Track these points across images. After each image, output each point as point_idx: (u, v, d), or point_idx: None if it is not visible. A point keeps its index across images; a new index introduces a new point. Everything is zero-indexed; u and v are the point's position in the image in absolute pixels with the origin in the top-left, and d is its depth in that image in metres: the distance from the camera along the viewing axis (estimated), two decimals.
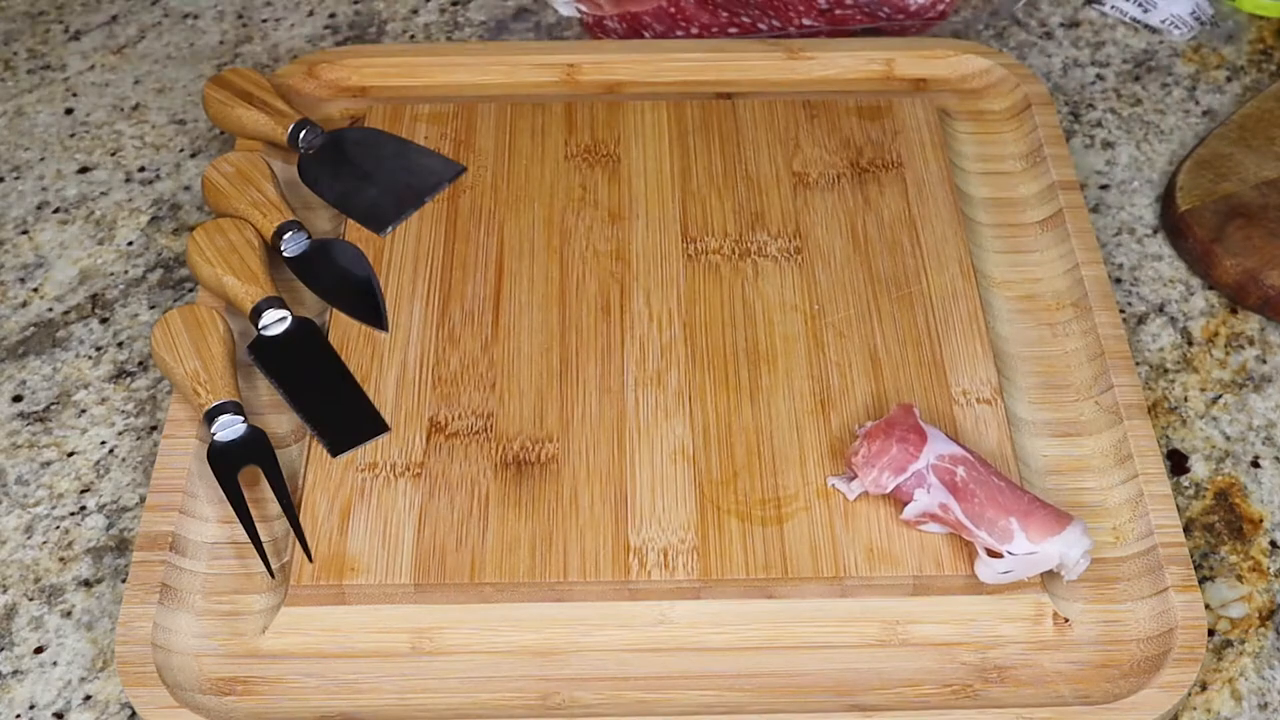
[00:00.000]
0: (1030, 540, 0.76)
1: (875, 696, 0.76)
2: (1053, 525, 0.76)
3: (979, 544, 0.77)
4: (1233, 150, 1.01)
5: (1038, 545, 0.76)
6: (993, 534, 0.77)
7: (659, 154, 0.99)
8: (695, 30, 1.11)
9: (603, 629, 0.78)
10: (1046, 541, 0.76)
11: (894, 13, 1.10)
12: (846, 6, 1.10)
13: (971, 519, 0.77)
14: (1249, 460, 0.88)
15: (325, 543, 0.79)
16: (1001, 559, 0.77)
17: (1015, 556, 0.76)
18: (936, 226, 0.95)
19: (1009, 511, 0.77)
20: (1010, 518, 0.77)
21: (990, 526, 0.77)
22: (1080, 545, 0.76)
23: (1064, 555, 0.76)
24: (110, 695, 0.78)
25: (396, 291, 0.91)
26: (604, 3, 1.12)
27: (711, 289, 0.91)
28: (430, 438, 0.84)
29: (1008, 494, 0.78)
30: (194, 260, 0.91)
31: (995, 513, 0.77)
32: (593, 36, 1.12)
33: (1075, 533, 0.77)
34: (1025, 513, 0.77)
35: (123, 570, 0.82)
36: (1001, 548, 0.76)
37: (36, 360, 0.93)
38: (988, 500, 0.77)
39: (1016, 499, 0.77)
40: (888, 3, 1.10)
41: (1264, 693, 0.78)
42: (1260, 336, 0.94)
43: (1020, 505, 0.77)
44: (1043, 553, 0.76)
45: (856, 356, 0.88)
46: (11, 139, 1.06)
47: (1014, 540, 0.76)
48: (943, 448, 0.79)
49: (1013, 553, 0.76)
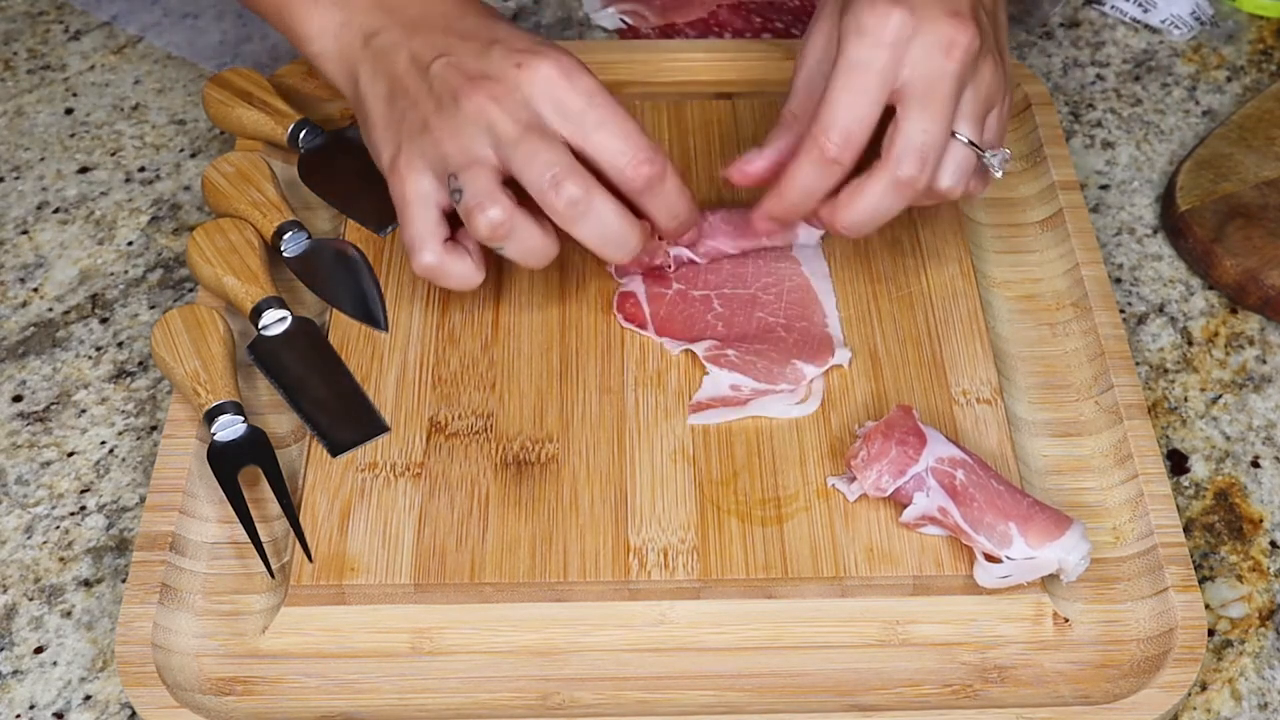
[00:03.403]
0: (1029, 546, 0.76)
1: (875, 696, 0.76)
2: (1052, 530, 0.76)
3: (978, 549, 0.77)
4: (1233, 150, 1.01)
5: (1037, 551, 0.76)
6: (991, 539, 0.76)
7: None
8: (729, 36, 1.11)
9: (603, 629, 0.78)
10: (1046, 547, 0.76)
11: None
12: None
13: (970, 523, 0.77)
14: (1249, 460, 0.88)
15: (325, 543, 0.79)
16: (1000, 564, 0.76)
17: (1014, 561, 0.76)
18: (936, 226, 0.95)
19: (1008, 516, 0.77)
20: (1009, 523, 0.76)
21: (989, 531, 0.76)
22: (1079, 550, 0.76)
23: (1063, 561, 0.76)
24: (110, 695, 0.78)
25: (396, 291, 0.91)
26: (649, 14, 1.12)
27: None
28: (430, 438, 0.84)
29: (1007, 498, 0.77)
30: (194, 260, 0.91)
31: (994, 517, 0.77)
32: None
33: (1074, 537, 0.76)
34: (1024, 517, 0.77)
35: (123, 570, 0.82)
36: (1000, 553, 0.76)
37: (36, 360, 0.93)
38: (987, 504, 0.77)
39: (1015, 503, 0.77)
40: None
41: (1264, 693, 0.78)
42: (1260, 336, 0.94)
43: (1019, 510, 0.77)
44: (1042, 558, 0.76)
45: (856, 356, 0.88)
46: (11, 139, 1.06)
47: (1013, 545, 0.76)
48: (942, 450, 0.79)
49: (1011, 558, 0.76)
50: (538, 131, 0.79)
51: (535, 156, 0.79)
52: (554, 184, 0.79)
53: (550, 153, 0.79)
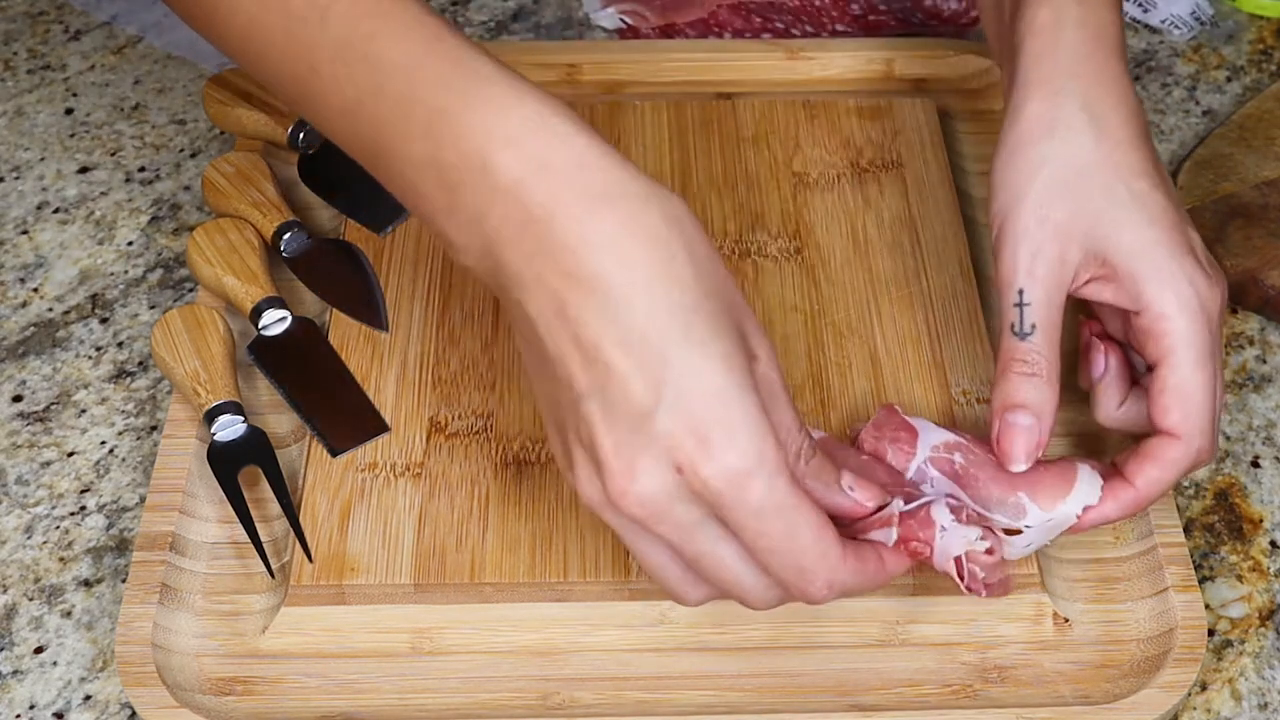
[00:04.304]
0: (1044, 509, 0.75)
1: (875, 696, 0.76)
2: (1062, 486, 0.75)
3: (995, 527, 0.75)
4: (1233, 150, 1.01)
5: (1052, 511, 0.75)
6: (1005, 513, 0.75)
7: (659, 154, 0.99)
8: (729, 36, 1.11)
9: (603, 629, 0.78)
10: (1061, 504, 0.75)
11: (927, 18, 1.11)
12: (880, 13, 1.11)
13: (981, 503, 0.76)
14: (1249, 460, 0.88)
15: (325, 543, 0.79)
16: (1020, 534, 0.75)
17: (1033, 529, 0.75)
18: (936, 226, 0.95)
19: (1016, 486, 0.75)
20: (1018, 493, 0.75)
21: (1001, 506, 0.75)
22: (1093, 492, 0.75)
23: (1085, 507, 0.75)
24: (110, 695, 0.78)
25: (396, 291, 0.91)
26: (649, 14, 1.12)
27: None
28: (430, 438, 0.84)
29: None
30: (194, 260, 0.91)
31: (1002, 491, 0.76)
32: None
33: (1084, 484, 0.75)
34: (1031, 483, 0.75)
35: (123, 570, 0.82)
36: (1019, 524, 0.75)
37: (36, 360, 0.93)
38: (991, 481, 0.76)
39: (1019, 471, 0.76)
40: (921, 9, 1.10)
41: (1264, 693, 0.78)
42: (1260, 336, 0.94)
43: (1024, 476, 0.76)
44: (1059, 515, 0.75)
45: (856, 356, 0.88)
46: (11, 139, 1.06)
47: (1028, 514, 0.75)
48: (935, 437, 0.78)
49: (1030, 526, 0.75)
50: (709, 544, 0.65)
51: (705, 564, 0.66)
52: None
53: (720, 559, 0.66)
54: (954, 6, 1.11)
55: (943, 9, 1.11)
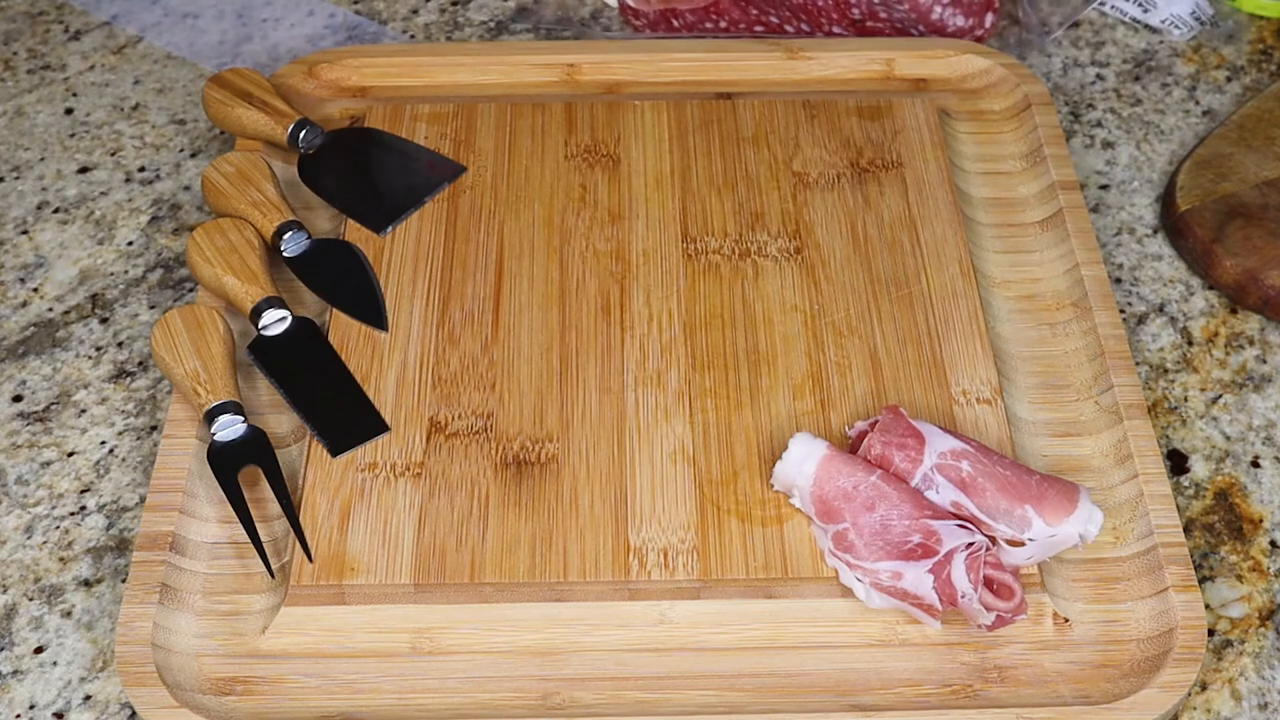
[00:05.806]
0: (1048, 524, 0.76)
1: (875, 696, 0.76)
2: (1066, 504, 0.76)
3: (1000, 536, 0.76)
4: (1233, 150, 1.01)
5: (1056, 528, 0.76)
6: (1010, 524, 0.76)
7: (659, 154, 1.00)
8: (725, 25, 1.11)
9: (603, 629, 0.78)
10: (1064, 523, 0.76)
11: (928, 33, 1.10)
12: (880, 20, 1.10)
13: (986, 513, 0.77)
14: (1249, 460, 0.88)
15: (325, 543, 0.79)
16: (1023, 546, 0.76)
17: (1035, 542, 0.76)
18: (936, 226, 0.95)
19: (1022, 499, 0.77)
20: (1025, 505, 0.76)
21: (1007, 518, 0.76)
22: (1094, 519, 0.77)
23: (1083, 532, 0.76)
24: (110, 695, 0.78)
25: (396, 291, 0.91)
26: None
27: (711, 289, 0.91)
28: (430, 438, 0.84)
29: (1015, 480, 0.77)
30: (194, 260, 0.91)
31: (1009, 503, 0.77)
32: (626, 20, 1.13)
33: (1087, 507, 0.77)
34: (1037, 497, 0.77)
35: (123, 570, 0.82)
36: (1022, 536, 0.76)
37: (36, 360, 0.93)
38: (999, 492, 0.77)
39: (1025, 484, 0.77)
40: (924, 23, 1.09)
41: (1264, 693, 0.78)
42: (1260, 336, 0.94)
43: (1031, 490, 0.77)
44: (1061, 534, 0.76)
45: (856, 356, 0.88)
46: (11, 139, 1.06)
47: (1032, 527, 0.76)
48: (943, 444, 0.79)
49: (1033, 539, 0.76)
50: None
51: None
52: None
53: None
54: (960, 24, 1.10)
55: (947, 25, 1.09)
